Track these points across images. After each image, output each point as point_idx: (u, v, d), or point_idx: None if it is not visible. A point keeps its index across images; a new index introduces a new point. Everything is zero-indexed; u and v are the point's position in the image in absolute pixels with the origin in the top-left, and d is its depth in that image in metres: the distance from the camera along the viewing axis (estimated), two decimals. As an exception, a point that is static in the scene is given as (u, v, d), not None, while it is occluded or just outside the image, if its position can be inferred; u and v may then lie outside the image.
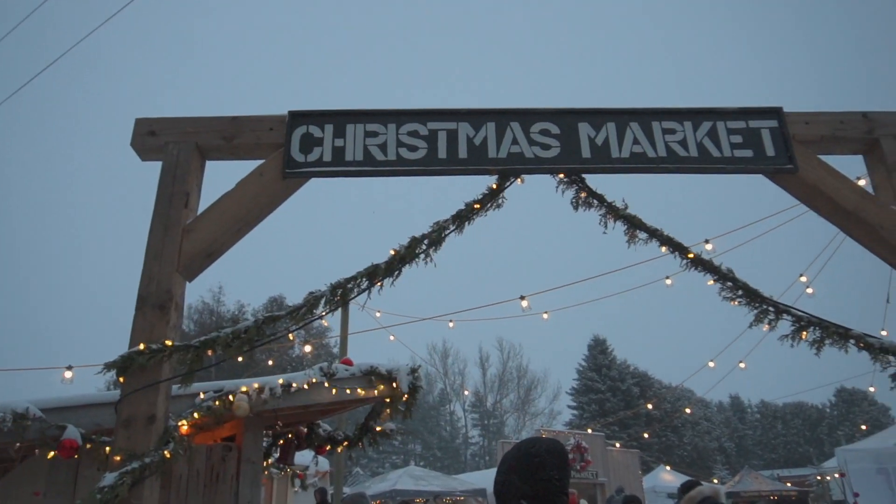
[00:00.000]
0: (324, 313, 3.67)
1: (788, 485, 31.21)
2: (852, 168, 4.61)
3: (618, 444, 26.13)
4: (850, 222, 4.24)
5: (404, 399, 5.20)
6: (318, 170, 4.21)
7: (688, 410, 30.83)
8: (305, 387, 4.90)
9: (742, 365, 16.91)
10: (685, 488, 6.61)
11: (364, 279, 3.69)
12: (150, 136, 4.38)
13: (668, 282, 10.18)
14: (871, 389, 18.62)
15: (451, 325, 15.57)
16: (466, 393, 57.62)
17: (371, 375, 5.10)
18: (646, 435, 31.26)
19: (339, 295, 3.66)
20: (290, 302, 5.47)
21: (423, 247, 3.82)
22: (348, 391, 4.96)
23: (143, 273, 3.88)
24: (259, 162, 4.34)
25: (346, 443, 5.99)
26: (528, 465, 2.27)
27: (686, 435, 46.70)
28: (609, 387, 45.69)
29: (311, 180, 4.39)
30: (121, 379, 3.57)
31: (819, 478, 35.21)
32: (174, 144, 4.33)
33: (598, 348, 48.29)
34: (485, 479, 28.75)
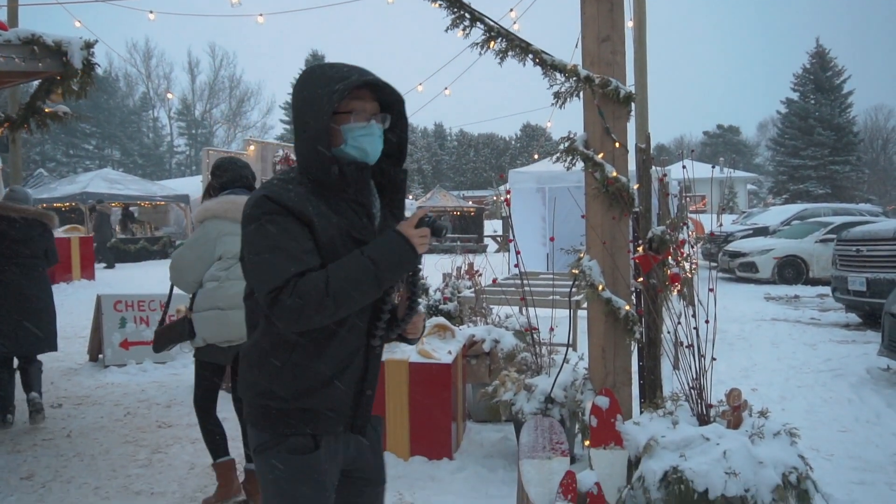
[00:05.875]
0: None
1: (470, 203, 35.85)
2: None
3: (325, 159, 27.06)
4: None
5: (79, 77, 4.59)
6: None
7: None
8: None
9: (447, 92, 17.94)
10: None
11: None
12: None
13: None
14: (548, 125, 21.22)
15: (151, 16, 13.80)
16: (171, 97, 53.61)
17: (33, 45, 4.32)
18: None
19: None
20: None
21: None
22: (2, 60, 4.19)
23: None
24: None
25: (7, 124, 5.23)
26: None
27: (391, 156, 50.02)
28: (323, 105, 46.00)
29: None
30: None
31: (495, 198, 40.92)
32: None
33: (315, 62, 47.43)
34: (188, 185, 28.13)
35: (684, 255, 5.87)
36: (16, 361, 5.34)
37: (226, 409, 4.13)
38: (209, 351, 3.64)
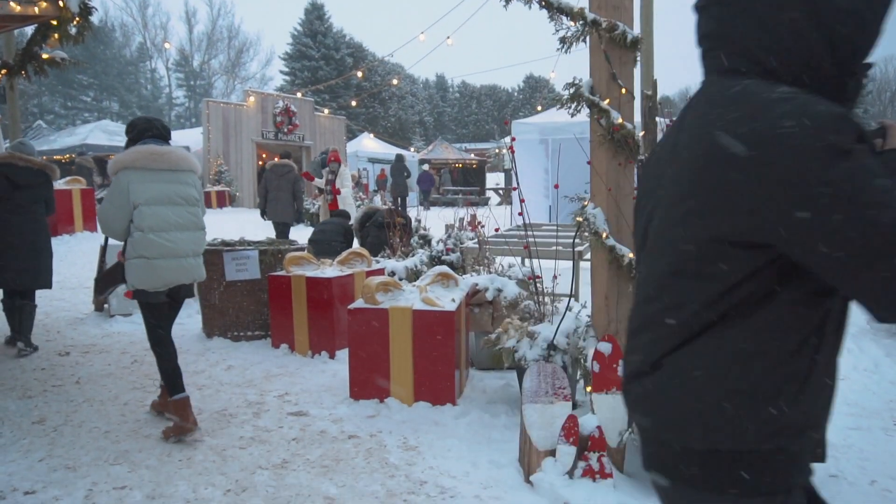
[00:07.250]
0: None
1: (472, 155, 35.62)
2: None
3: (326, 111, 26.76)
4: None
5: (76, 22, 4.51)
6: None
7: (395, 82, 32.07)
8: (-65, -8, 3.93)
9: (449, 41, 17.62)
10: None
11: None
12: None
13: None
14: (552, 75, 20.89)
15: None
16: (168, 46, 52.70)
17: (28, -12, 4.24)
18: (353, 103, 32.29)
19: None
20: None
21: None
22: (-2, 4, 4.11)
23: None
24: None
25: (5, 70, 5.16)
26: None
27: (392, 107, 49.44)
28: (323, 55, 45.23)
29: None
30: None
31: (497, 150, 40.64)
32: None
33: (315, 14, 46.44)
34: (188, 137, 27.93)
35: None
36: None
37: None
38: (142, 293, 3.93)
